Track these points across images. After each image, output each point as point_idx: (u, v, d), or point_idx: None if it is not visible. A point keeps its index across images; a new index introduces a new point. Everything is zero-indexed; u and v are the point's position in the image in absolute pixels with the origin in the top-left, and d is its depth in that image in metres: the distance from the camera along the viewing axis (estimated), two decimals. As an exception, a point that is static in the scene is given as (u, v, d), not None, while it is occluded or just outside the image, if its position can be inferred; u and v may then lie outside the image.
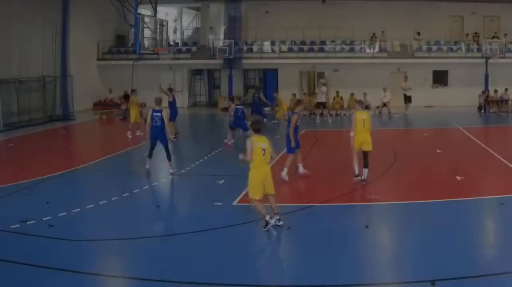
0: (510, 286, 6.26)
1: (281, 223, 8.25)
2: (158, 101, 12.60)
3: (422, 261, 6.90)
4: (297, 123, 11.62)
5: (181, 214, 9.90)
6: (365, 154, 11.10)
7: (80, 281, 6.58)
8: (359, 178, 11.22)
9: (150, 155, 12.60)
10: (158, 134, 12.39)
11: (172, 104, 17.59)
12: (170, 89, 18.73)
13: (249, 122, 8.20)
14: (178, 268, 6.91)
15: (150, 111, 12.49)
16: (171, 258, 7.30)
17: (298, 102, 12.74)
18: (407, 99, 25.86)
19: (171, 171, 12.53)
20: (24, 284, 6.46)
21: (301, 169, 12.03)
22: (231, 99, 17.99)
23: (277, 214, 8.30)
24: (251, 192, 8.16)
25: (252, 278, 6.66)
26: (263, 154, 8.04)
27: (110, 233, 8.42)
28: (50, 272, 6.74)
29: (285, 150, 12.12)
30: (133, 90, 19.53)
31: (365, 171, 11.08)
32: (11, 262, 7.03)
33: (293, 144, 11.50)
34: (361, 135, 11.13)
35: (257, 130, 8.19)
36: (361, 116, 11.22)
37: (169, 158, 12.57)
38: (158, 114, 12.28)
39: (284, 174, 11.51)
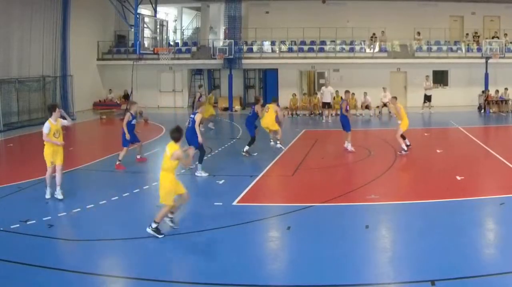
0: (510, 286, 6.26)
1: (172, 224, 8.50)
2: (199, 105, 13.19)
3: (422, 261, 6.90)
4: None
5: (181, 214, 9.89)
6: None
7: (80, 281, 6.58)
8: (403, 152, 14.45)
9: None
10: (187, 135, 12.38)
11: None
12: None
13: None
14: (178, 268, 6.92)
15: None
16: (171, 258, 7.30)
17: (347, 92, 16.01)
18: (427, 98, 25.85)
19: (197, 173, 12.43)
20: (24, 284, 6.46)
21: (350, 147, 14.94)
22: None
23: (171, 217, 8.52)
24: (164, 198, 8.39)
25: (252, 278, 6.65)
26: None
27: (110, 233, 8.42)
28: (50, 272, 6.75)
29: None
30: (211, 91, 19.93)
31: (406, 140, 14.96)
32: (11, 262, 7.03)
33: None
34: (407, 119, 14.70)
35: (174, 139, 8.21)
36: (402, 106, 15.10)
37: (200, 160, 12.53)
38: (193, 116, 12.55)
39: (349, 147, 14.89)
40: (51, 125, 10.45)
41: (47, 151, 10.36)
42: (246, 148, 14.89)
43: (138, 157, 14.16)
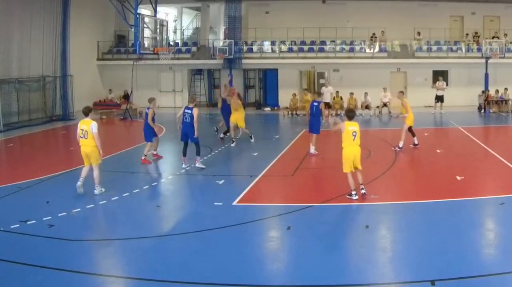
0: (510, 286, 6.26)
1: (364, 191, 9.95)
2: (193, 99, 13.28)
3: (422, 261, 6.90)
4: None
5: (181, 214, 9.90)
6: (410, 128, 15.23)
7: (80, 281, 6.58)
8: (398, 148, 14.94)
9: (184, 153, 12.98)
10: (187, 130, 12.77)
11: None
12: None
13: (345, 111, 10.50)
14: (178, 268, 6.91)
15: (183, 108, 13.03)
16: (171, 258, 7.30)
17: (319, 93, 16.46)
18: (439, 99, 25.88)
19: (197, 165, 12.87)
20: (24, 284, 6.45)
21: (313, 150, 14.82)
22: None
23: (361, 184, 9.97)
24: (344, 167, 9.89)
25: (252, 278, 6.65)
26: (354, 136, 9.77)
27: (110, 233, 8.43)
28: (50, 272, 6.75)
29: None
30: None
31: (415, 138, 15.47)
32: (11, 262, 7.03)
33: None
34: (412, 114, 15.09)
35: (350, 118, 10.09)
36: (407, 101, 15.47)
37: (198, 153, 12.93)
38: (189, 111, 12.74)
39: (312, 150, 14.72)
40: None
41: (97, 150, 10.49)
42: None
43: (155, 152, 14.45)
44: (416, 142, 15.44)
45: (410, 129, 15.26)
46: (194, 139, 12.83)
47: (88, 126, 10.36)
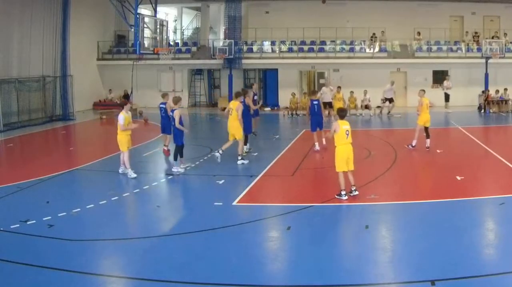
0: (510, 286, 6.26)
1: (357, 192, 10.01)
2: (176, 100, 12.93)
3: (422, 261, 6.90)
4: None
5: (181, 214, 9.91)
6: (426, 129, 14.98)
7: (80, 281, 6.58)
8: (410, 147, 15.13)
9: (181, 155, 12.89)
10: (175, 132, 12.73)
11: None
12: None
13: (336, 110, 10.90)
14: (178, 268, 6.91)
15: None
16: (171, 258, 7.29)
17: (314, 92, 16.72)
18: (447, 98, 25.90)
19: (174, 169, 12.67)
20: (24, 284, 6.45)
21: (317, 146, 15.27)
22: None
23: (353, 185, 10.02)
24: (337, 166, 9.90)
25: (252, 278, 6.65)
26: (347, 135, 9.88)
27: (110, 233, 8.42)
28: (50, 272, 6.75)
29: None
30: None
31: (428, 141, 15.01)
32: (11, 262, 7.03)
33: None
34: (426, 115, 14.82)
35: (342, 117, 10.17)
36: (426, 101, 14.88)
37: (175, 158, 12.78)
38: (169, 111, 13.09)
39: (317, 146, 15.18)
40: (125, 116, 12.33)
41: (124, 138, 12.34)
42: (245, 147, 14.68)
43: (166, 148, 14.83)
44: (414, 144, 15.20)
45: (426, 129, 15.07)
46: (176, 141, 12.66)
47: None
